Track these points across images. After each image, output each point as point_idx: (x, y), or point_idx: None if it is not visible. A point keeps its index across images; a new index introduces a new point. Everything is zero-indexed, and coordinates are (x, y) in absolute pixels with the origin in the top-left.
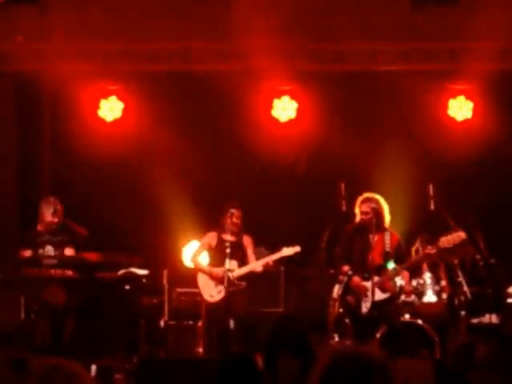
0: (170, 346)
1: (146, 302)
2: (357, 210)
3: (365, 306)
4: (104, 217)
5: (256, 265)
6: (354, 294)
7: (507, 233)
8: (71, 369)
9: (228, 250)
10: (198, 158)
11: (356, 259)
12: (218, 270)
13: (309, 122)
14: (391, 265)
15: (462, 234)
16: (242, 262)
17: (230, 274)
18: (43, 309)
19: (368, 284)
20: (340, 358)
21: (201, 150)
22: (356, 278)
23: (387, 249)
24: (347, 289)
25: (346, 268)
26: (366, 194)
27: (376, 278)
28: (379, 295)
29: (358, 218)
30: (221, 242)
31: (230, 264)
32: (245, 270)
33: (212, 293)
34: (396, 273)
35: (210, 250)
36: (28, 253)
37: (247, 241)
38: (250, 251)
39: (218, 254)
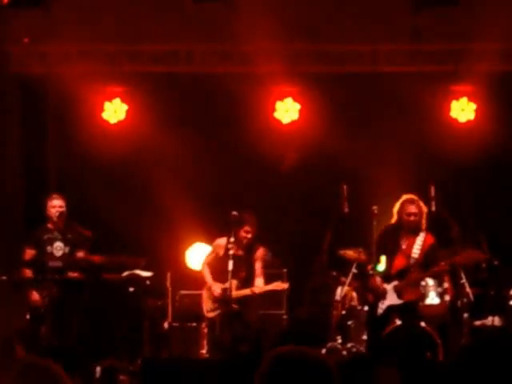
0: (173, 348)
1: (149, 303)
2: (395, 211)
3: (380, 308)
4: (108, 218)
5: (250, 291)
6: (374, 294)
7: (510, 234)
8: (48, 367)
9: (231, 268)
10: (200, 159)
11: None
12: (216, 288)
13: (311, 124)
14: (381, 267)
15: (481, 256)
16: (246, 279)
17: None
18: (48, 310)
19: (388, 287)
20: (281, 361)
21: (204, 151)
22: (378, 279)
23: (414, 254)
24: (367, 286)
25: (369, 266)
26: (409, 196)
27: (395, 282)
28: (395, 300)
29: (394, 219)
30: (227, 254)
31: (230, 283)
32: (239, 293)
33: (208, 308)
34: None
35: (217, 259)
36: (31, 252)
37: (259, 254)
38: (257, 265)
39: (221, 268)
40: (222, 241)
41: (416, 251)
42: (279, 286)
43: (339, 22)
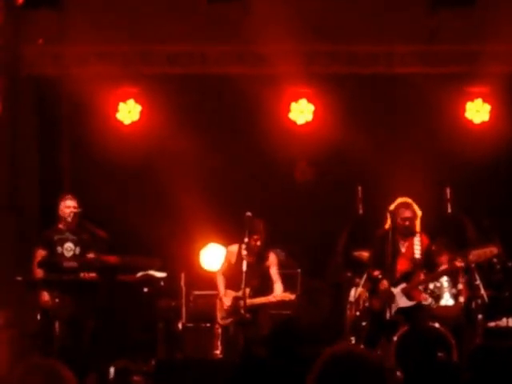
0: (187, 349)
1: (163, 304)
2: (389, 214)
3: (389, 312)
4: (122, 219)
5: (266, 299)
6: (380, 299)
7: None
8: (53, 368)
9: (245, 269)
10: (215, 160)
11: (386, 265)
12: (226, 301)
13: (326, 125)
14: None
15: (494, 250)
16: (258, 288)
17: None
18: (61, 311)
19: (395, 290)
20: (337, 357)
21: (218, 152)
22: (385, 282)
23: (416, 255)
24: (373, 292)
25: (376, 272)
26: (403, 199)
27: (403, 285)
28: (405, 302)
29: (388, 223)
30: (239, 262)
31: (243, 292)
32: (251, 303)
33: (221, 316)
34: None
35: (230, 267)
36: (42, 253)
37: (272, 259)
38: (273, 271)
39: (235, 276)
40: (234, 248)
41: (417, 252)
42: (287, 296)
43: (354, 22)
